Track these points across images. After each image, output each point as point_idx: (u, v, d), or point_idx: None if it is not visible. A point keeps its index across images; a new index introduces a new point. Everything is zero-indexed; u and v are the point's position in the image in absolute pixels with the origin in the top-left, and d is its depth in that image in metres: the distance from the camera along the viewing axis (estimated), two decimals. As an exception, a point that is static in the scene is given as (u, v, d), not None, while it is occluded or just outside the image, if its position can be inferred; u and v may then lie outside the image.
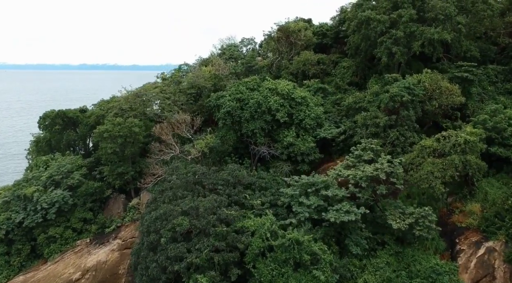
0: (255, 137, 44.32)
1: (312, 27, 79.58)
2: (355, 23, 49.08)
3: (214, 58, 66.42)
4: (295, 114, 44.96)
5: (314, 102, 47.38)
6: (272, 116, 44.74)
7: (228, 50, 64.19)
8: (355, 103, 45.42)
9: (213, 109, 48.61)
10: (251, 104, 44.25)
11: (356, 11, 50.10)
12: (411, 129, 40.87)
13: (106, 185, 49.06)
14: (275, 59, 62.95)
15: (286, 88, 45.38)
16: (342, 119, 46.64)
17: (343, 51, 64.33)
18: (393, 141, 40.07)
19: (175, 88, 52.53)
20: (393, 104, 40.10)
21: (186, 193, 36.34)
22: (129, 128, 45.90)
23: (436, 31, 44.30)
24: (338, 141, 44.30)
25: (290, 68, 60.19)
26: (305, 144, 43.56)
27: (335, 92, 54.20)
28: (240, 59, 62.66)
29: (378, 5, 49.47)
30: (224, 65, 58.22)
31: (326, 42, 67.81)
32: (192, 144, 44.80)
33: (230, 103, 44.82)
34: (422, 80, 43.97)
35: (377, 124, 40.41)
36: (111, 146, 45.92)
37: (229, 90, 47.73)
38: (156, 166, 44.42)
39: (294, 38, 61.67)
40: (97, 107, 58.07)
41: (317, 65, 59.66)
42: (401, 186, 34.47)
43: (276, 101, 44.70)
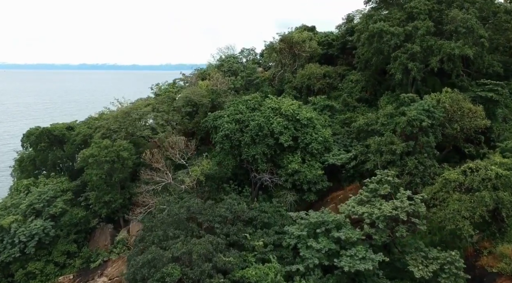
0: (256, 163, 40.34)
1: (316, 35, 75.87)
2: (366, 36, 45.17)
3: (211, 69, 62.47)
4: (301, 137, 40.99)
5: (321, 123, 43.44)
6: (275, 139, 40.80)
7: (227, 62, 60.31)
8: (366, 125, 41.44)
9: (210, 130, 44.70)
10: (252, 127, 40.29)
11: (367, 23, 46.19)
12: (431, 157, 36.87)
13: (92, 213, 45.04)
14: (277, 71, 59.06)
15: (290, 109, 41.41)
16: (353, 143, 42.66)
17: (351, 62, 60.50)
18: (412, 170, 36.05)
19: (168, 106, 48.56)
20: (411, 129, 36.11)
21: (178, 233, 32.28)
22: (116, 152, 41.99)
23: (456, 46, 40.41)
24: (348, 168, 40.33)
25: (293, 82, 56.31)
26: (312, 172, 39.57)
27: (343, 110, 50.28)
28: (239, 71, 58.70)
29: (391, 16, 45.57)
30: (222, 80, 54.30)
31: (332, 53, 63.98)
32: (186, 171, 40.80)
33: (228, 125, 40.86)
34: (442, 100, 40.01)
35: (393, 151, 36.41)
36: (97, 172, 42.00)
37: (228, 110, 43.80)
38: (146, 194, 40.37)
39: (298, 49, 57.80)
40: (85, 125, 54.07)
41: (323, 78, 55.79)
42: (423, 227, 30.44)
43: (279, 123, 40.75)
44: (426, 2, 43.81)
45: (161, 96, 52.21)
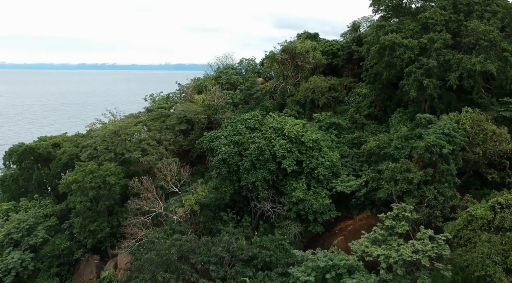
0: (256, 190, 36.76)
1: (319, 43, 72.50)
2: (377, 49, 41.67)
3: (208, 80, 58.97)
4: (305, 161, 37.41)
5: (327, 145, 39.87)
6: (277, 164, 37.25)
7: (225, 74, 56.80)
8: (378, 148, 37.87)
9: (206, 152, 41.18)
10: (252, 151, 36.71)
11: (377, 34, 42.67)
12: (451, 186, 33.31)
13: (77, 243, 41.40)
14: (279, 84, 55.53)
15: (294, 130, 37.86)
16: (363, 167, 39.07)
17: (357, 73, 56.98)
18: (431, 201, 32.47)
19: (161, 123, 45.02)
20: (430, 156, 32.55)
21: (168, 276, 28.70)
22: (103, 177, 38.38)
23: (478, 61, 36.90)
24: (358, 196, 36.76)
25: (296, 96, 52.71)
26: (318, 200, 35.98)
27: (351, 128, 46.73)
28: (238, 84, 55.21)
29: (404, 27, 42.07)
30: (220, 94, 50.80)
31: (337, 63, 60.50)
32: (179, 198, 37.21)
33: (226, 149, 37.30)
34: (461, 120, 36.50)
35: (410, 180, 32.83)
36: (81, 200, 38.40)
37: (225, 130, 40.28)
38: (135, 226, 36.76)
39: (301, 60, 54.28)
40: (71, 142, 50.48)
41: (328, 92, 52.26)
42: (448, 273, 26.85)
43: (282, 145, 37.20)
44: (442, 12, 40.35)
45: (154, 111, 48.67)
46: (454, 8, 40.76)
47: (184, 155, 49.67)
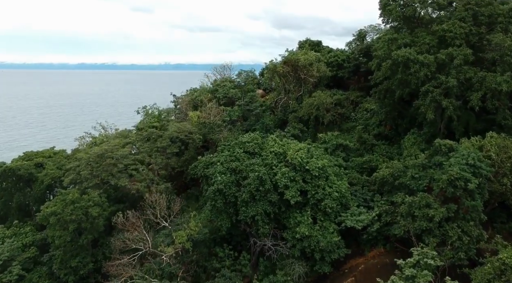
0: (256, 225, 33.04)
1: (323, 52, 69.05)
2: (389, 65, 38.05)
3: (204, 94, 55.29)
4: (311, 191, 33.70)
5: (334, 172, 36.18)
6: (279, 194, 33.55)
7: (222, 87, 53.12)
8: (392, 177, 34.22)
9: (200, 179, 37.53)
10: (251, 180, 33.01)
11: (389, 48, 39.05)
12: (477, 224, 29.63)
13: (57, 281, 37.64)
14: (280, 98, 51.91)
15: (298, 156, 34.16)
16: (375, 197, 35.36)
17: (364, 87, 53.47)
18: (454, 241, 28.78)
19: (151, 144, 41.35)
20: (453, 190, 28.87)
21: None
22: (85, 209, 34.68)
23: (504, 80, 33.34)
24: (370, 231, 33.05)
25: (299, 112, 49.12)
26: (326, 237, 32.27)
27: (359, 149, 43.09)
28: (236, 98, 51.54)
29: (418, 40, 38.48)
30: (216, 110, 47.14)
31: (342, 75, 56.92)
32: (169, 233, 33.45)
33: (222, 178, 33.60)
34: (485, 146, 32.92)
35: (430, 218, 29.15)
36: (60, 234, 34.72)
37: (221, 155, 36.61)
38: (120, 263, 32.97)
39: (305, 73, 50.68)
40: (54, 164, 46.77)
41: (333, 108, 48.69)
42: None
43: (284, 174, 33.52)
44: (461, 24, 36.75)
45: (144, 130, 45.00)
46: (474, 19, 37.17)
47: (177, 177, 46.06)
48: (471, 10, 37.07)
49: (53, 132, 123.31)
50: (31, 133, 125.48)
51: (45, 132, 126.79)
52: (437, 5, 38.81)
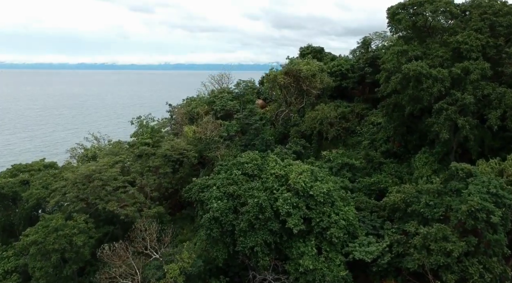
0: (255, 256, 30.35)
1: (325, 60, 66.64)
2: (399, 79, 35.42)
3: (201, 105, 52.67)
4: (315, 218, 31.03)
5: (340, 195, 33.54)
6: (280, 222, 30.89)
7: (220, 99, 50.50)
8: (404, 203, 31.58)
9: (195, 203, 34.89)
10: (250, 208, 30.38)
11: (398, 60, 36.44)
12: (500, 260, 26.99)
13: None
14: (281, 111, 49.30)
15: (301, 181, 31.50)
16: (385, 224, 32.67)
17: (370, 99, 50.99)
18: (475, 279, 26.12)
19: (143, 162, 38.70)
20: (473, 223, 26.23)
21: None
22: (69, 237, 31.98)
23: (526, 97, 30.70)
24: (381, 263, 30.34)
25: (301, 126, 46.57)
26: (332, 270, 29.60)
27: (366, 168, 40.44)
28: (235, 111, 48.92)
29: (431, 53, 35.90)
30: (213, 125, 44.50)
31: (346, 85, 54.36)
32: (160, 265, 30.75)
33: (218, 205, 30.95)
34: (506, 170, 30.31)
35: (448, 252, 26.50)
36: (41, 265, 32.01)
37: (218, 177, 33.98)
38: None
39: (307, 85, 48.11)
40: (39, 183, 44.02)
41: (338, 122, 46.10)
42: None
43: (286, 200, 30.87)
44: (478, 35, 34.19)
45: (136, 147, 42.32)
46: (491, 30, 34.64)
47: (171, 196, 43.49)
48: (488, 20, 34.53)
49: (50, 137, 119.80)
50: (29, 137, 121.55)
51: (43, 136, 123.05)
52: (450, 14, 36.24)
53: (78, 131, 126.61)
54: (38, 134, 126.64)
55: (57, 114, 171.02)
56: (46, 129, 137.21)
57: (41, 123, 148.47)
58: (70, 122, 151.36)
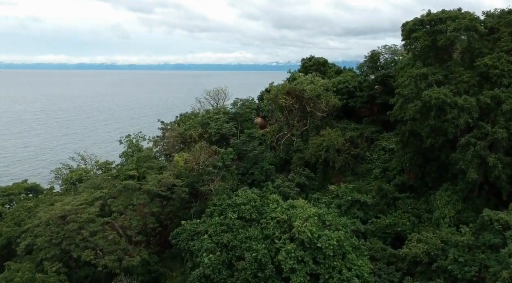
0: (254, 322, 26.07)
1: (329, 73, 62.55)
2: (418, 108, 31.24)
3: (194, 126, 48.45)
4: (324, 275, 26.71)
5: (352, 244, 29.22)
6: (283, 280, 26.63)
7: (215, 121, 46.23)
8: (427, 256, 27.32)
9: (183, 253, 30.57)
10: (247, 264, 26.18)
11: (417, 85, 32.28)
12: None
13: None
14: (282, 135, 45.06)
15: (307, 230, 27.26)
16: (404, 279, 28.29)
17: (381, 120, 46.79)
18: None
19: (126, 200, 34.38)
20: (518, 291, 21.99)
21: None
22: (35, 295, 27.67)
23: None
24: (401, 328, 26.08)
25: (304, 153, 42.36)
26: None
27: (379, 204, 36.16)
28: (231, 134, 44.66)
29: (454, 77, 31.72)
30: (207, 152, 40.27)
31: (353, 105, 50.15)
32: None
33: (209, 259, 26.73)
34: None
35: (486, 326, 22.24)
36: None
37: (210, 222, 29.74)
38: None
39: (311, 106, 43.96)
40: (12, 218, 39.75)
41: (345, 148, 41.90)
42: None
43: (290, 253, 26.65)
44: (509, 58, 30.06)
45: (119, 180, 38.03)
46: (525, 52, 30.52)
47: (159, 232, 39.15)
48: (521, 40, 30.42)
49: (43, 146, 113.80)
50: (24, 144, 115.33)
51: (37, 142, 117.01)
52: (476, 32, 32.06)
53: (72, 139, 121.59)
54: (34, 141, 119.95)
55: (54, 118, 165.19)
56: (43, 135, 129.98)
57: (35, 129, 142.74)
58: (64, 126, 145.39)
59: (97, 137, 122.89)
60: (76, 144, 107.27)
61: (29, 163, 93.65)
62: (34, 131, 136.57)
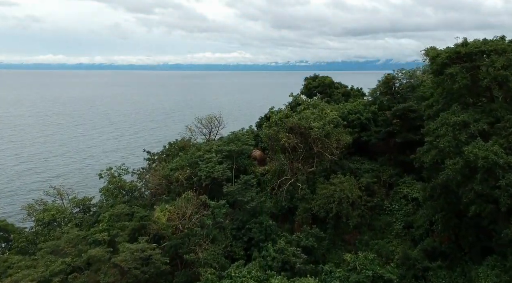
0: None
1: (337, 97, 56.73)
2: (459, 167, 25.01)
3: (181, 168, 42.11)
4: None
5: None
6: None
7: (206, 162, 39.81)
8: None
9: None
10: None
11: (455, 136, 26.08)
12: None
13: None
14: (285, 180, 38.76)
15: None
16: None
17: (400, 161, 40.64)
18: None
19: (92, 274, 27.94)
20: None
21: None
22: None
23: None
24: None
25: (312, 204, 36.08)
26: None
27: (406, 277, 29.83)
28: (224, 178, 38.30)
29: (503, 126, 25.54)
30: (195, 204, 33.95)
31: (367, 139, 43.99)
32: None
33: None
34: None
35: None
36: None
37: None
38: None
39: (318, 146, 37.73)
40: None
41: (361, 200, 35.64)
42: None
43: None
44: None
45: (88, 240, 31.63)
46: None
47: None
48: None
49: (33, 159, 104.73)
50: (15, 155, 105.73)
51: (28, 153, 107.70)
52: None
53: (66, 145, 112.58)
54: (20, 155, 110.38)
55: (47, 124, 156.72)
56: (37, 148, 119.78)
57: (27, 134, 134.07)
58: (58, 132, 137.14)
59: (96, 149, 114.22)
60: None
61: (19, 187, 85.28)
62: (27, 140, 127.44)
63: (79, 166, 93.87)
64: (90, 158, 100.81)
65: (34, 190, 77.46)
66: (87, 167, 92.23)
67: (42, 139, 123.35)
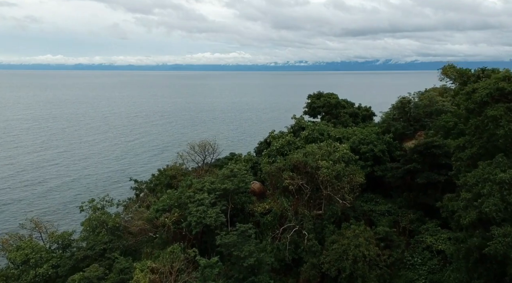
0: None
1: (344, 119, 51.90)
2: (510, 239, 20.00)
3: (166, 204, 37.04)
4: None
5: None
6: None
7: (195, 204, 34.36)
8: None
9: None
10: None
11: (503, 198, 21.07)
12: None
13: None
14: (289, 227, 33.69)
15: None
16: None
17: (421, 203, 35.65)
18: None
19: None
20: None
21: None
22: None
23: None
24: None
25: (320, 259, 30.98)
26: None
27: None
28: (217, 224, 33.18)
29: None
30: (182, 261, 28.88)
31: (381, 174, 39.01)
32: None
33: None
34: None
35: None
36: None
37: None
38: None
39: (328, 189, 32.69)
40: None
41: (379, 257, 30.55)
42: None
43: None
44: None
45: None
46: None
47: None
48: None
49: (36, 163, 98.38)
50: (9, 164, 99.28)
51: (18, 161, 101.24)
52: None
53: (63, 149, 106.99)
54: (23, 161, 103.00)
55: (42, 127, 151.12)
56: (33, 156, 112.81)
57: (20, 136, 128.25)
58: (54, 136, 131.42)
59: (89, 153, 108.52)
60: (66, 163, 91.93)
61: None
62: (23, 144, 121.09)
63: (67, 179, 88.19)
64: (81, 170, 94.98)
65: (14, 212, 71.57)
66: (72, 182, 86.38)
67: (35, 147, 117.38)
